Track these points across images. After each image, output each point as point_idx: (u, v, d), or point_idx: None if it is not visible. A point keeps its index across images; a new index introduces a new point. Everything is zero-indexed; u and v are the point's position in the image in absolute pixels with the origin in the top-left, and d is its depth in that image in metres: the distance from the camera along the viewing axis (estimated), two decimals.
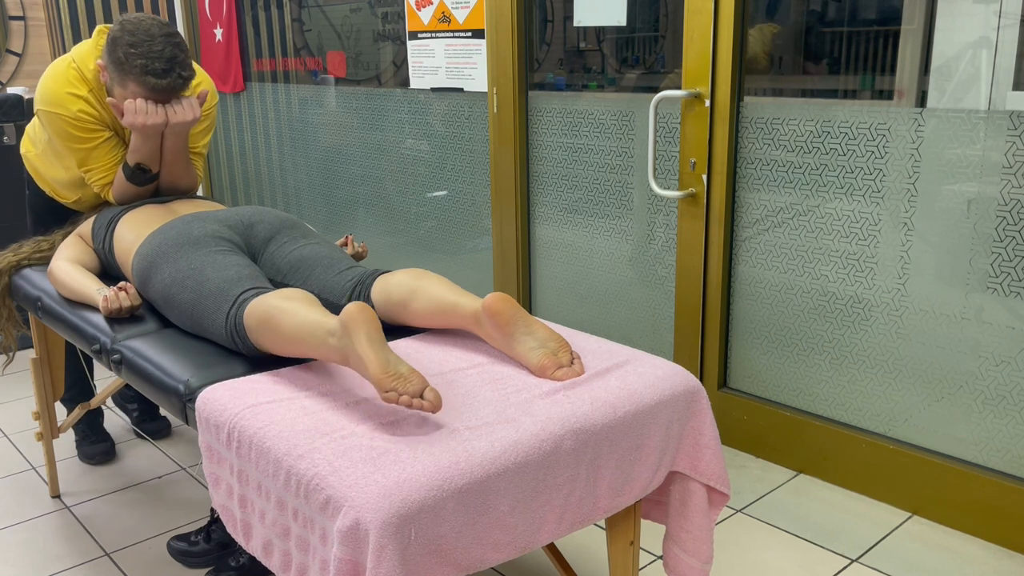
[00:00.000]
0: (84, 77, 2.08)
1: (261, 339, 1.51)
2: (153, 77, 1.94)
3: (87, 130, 2.10)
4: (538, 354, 1.47)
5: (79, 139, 2.10)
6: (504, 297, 1.49)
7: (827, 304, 2.31)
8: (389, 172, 3.55)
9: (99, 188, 2.16)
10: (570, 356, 1.49)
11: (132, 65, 1.93)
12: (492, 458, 1.23)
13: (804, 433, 2.40)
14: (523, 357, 1.49)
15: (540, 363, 1.46)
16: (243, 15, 4.11)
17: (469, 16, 2.94)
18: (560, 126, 2.84)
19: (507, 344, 1.51)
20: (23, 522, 2.32)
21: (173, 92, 2.00)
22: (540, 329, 1.50)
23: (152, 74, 1.93)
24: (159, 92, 1.97)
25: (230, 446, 1.35)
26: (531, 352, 1.48)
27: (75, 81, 2.08)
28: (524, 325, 1.49)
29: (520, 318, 1.49)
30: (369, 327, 1.31)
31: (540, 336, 1.49)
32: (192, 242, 1.77)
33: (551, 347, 1.48)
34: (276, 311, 1.47)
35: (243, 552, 1.99)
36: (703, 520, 1.54)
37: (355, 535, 1.11)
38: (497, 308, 1.49)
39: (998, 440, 2.07)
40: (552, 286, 3.03)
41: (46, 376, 2.36)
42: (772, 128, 2.31)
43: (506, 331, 1.50)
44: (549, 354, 1.47)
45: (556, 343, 1.49)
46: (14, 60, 4.53)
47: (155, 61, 1.93)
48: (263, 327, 1.49)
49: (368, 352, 1.28)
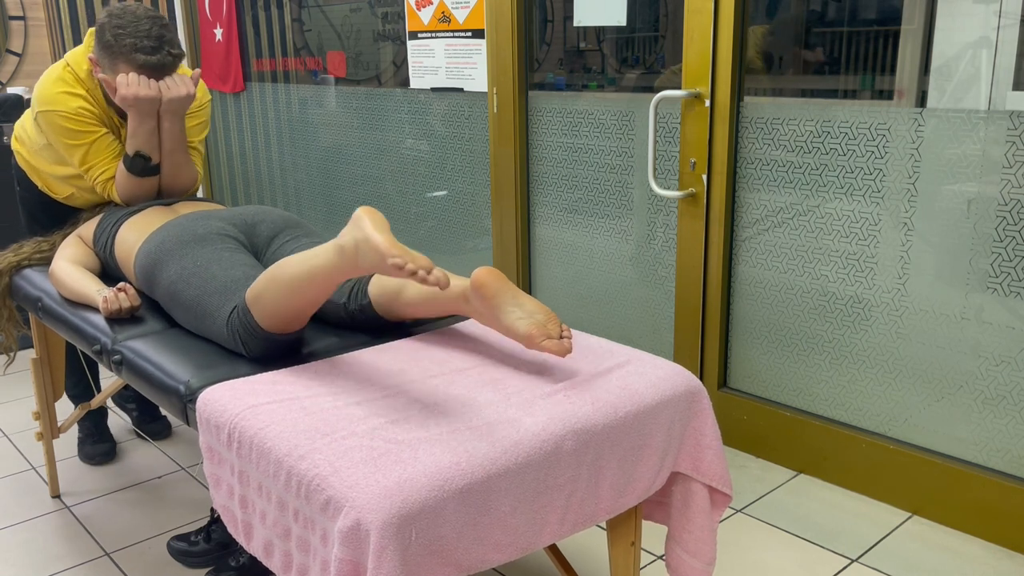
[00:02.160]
0: (79, 78, 2.11)
1: (266, 299, 1.48)
2: (143, 54, 1.97)
3: (86, 124, 2.10)
4: (525, 323, 1.42)
5: (79, 134, 2.10)
6: (492, 270, 1.46)
7: (827, 304, 2.31)
8: (389, 172, 3.55)
9: (102, 186, 2.16)
10: (559, 329, 1.44)
11: (121, 46, 1.96)
12: (493, 458, 1.23)
13: (804, 433, 2.40)
14: (510, 328, 1.44)
15: (528, 332, 1.42)
16: (243, 15, 4.10)
17: (469, 16, 2.94)
18: (560, 126, 2.84)
19: (494, 317, 1.46)
20: (23, 522, 2.32)
21: (163, 69, 2.02)
22: (528, 302, 1.46)
23: (142, 51, 1.97)
24: (150, 69, 2.00)
25: (231, 447, 1.35)
26: (519, 322, 1.43)
27: (71, 82, 2.10)
28: (512, 297, 1.45)
29: (508, 290, 1.45)
30: (372, 222, 1.31)
31: (528, 308, 1.45)
32: (198, 239, 1.77)
33: (539, 318, 1.43)
34: (275, 269, 1.47)
35: (243, 552, 1.99)
36: (705, 521, 1.54)
37: (356, 536, 1.11)
38: (484, 280, 1.45)
39: (998, 440, 2.07)
40: (552, 286, 3.03)
41: (46, 376, 2.36)
42: (772, 128, 2.31)
43: (493, 303, 1.45)
44: (537, 324, 1.42)
45: (544, 315, 1.44)
46: (14, 60, 4.53)
47: (143, 39, 1.97)
48: (268, 285, 1.47)
49: (375, 235, 1.28)
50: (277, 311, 1.49)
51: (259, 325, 1.52)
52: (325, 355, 1.60)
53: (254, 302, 1.50)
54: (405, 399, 1.39)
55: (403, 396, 1.40)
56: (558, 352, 1.41)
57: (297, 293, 1.44)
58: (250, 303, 1.51)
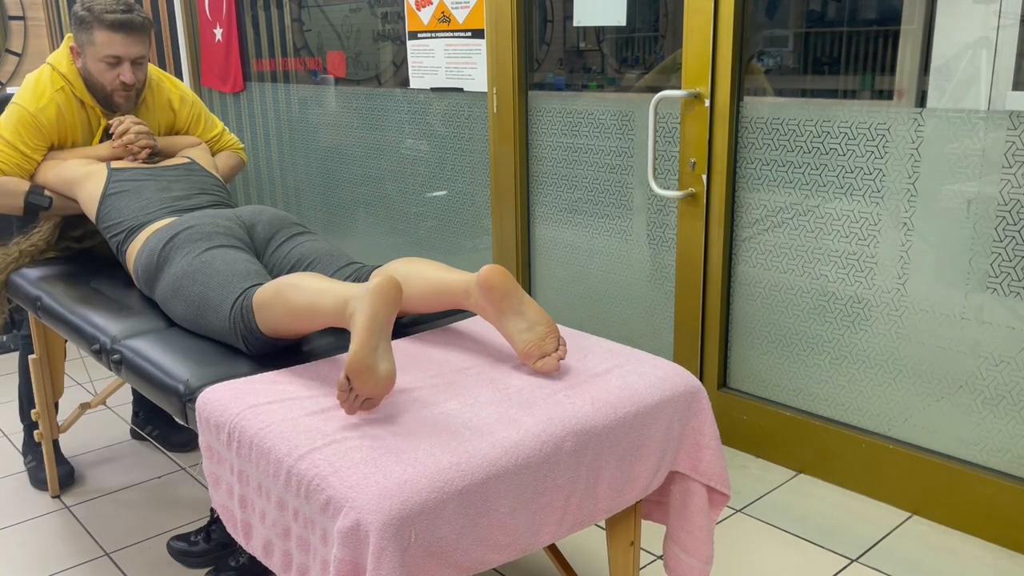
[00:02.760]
0: (60, 72, 2.24)
1: (269, 312, 1.51)
2: (113, 14, 2.16)
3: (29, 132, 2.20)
4: (525, 338, 1.47)
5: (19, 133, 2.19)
6: (500, 270, 1.48)
7: (827, 304, 2.31)
8: (389, 172, 3.55)
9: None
10: (555, 343, 1.49)
11: (93, 13, 2.15)
12: (493, 459, 1.23)
13: (804, 433, 2.40)
14: (511, 337, 1.49)
15: (526, 350, 1.47)
16: (243, 15, 4.10)
17: (469, 16, 2.94)
18: (560, 126, 2.84)
19: (497, 320, 1.51)
20: (23, 522, 2.32)
21: (134, 28, 2.19)
22: (531, 310, 1.49)
23: (112, 12, 2.16)
24: (121, 28, 2.17)
25: (230, 446, 1.35)
26: (519, 335, 1.48)
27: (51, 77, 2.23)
28: (517, 302, 1.49)
29: (514, 294, 1.49)
30: (381, 306, 1.30)
31: (530, 317, 1.49)
32: (205, 237, 1.79)
33: (539, 332, 1.48)
34: (291, 282, 1.49)
35: (243, 552, 1.99)
36: (703, 520, 1.54)
37: (355, 536, 1.11)
38: (493, 281, 1.47)
39: (998, 440, 2.07)
40: (552, 286, 3.03)
41: (46, 376, 2.36)
42: (772, 128, 2.31)
43: (499, 306, 1.49)
44: (536, 340, 1.47)
45: (545, 327, 1.49)
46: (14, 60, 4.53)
47: (112, 5, 2.17)
48: (275, 298, 1.49)
49: (361, 333, 1.28)
50: (277, 326, 1.52)
51: (259, 329, 1.54)
52: (325, 355, 1.60)
53: (259, 308, 1.52)
54: (405, 399, 1.39)
55: (403, 396, 1.40)
56: (550, 369, 1.47)
57: (298, 320, 1.48)
58: (255, 307, 1.53)
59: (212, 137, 2.54)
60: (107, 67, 2.20)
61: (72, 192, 2.16)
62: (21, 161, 2.19)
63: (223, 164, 2.52)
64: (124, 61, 2.20)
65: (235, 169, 2.58)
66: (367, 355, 1.26)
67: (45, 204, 2.20)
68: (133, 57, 2.21)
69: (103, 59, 2.19)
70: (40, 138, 2.21)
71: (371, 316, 1.29)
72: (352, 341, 1.28)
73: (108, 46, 2.17)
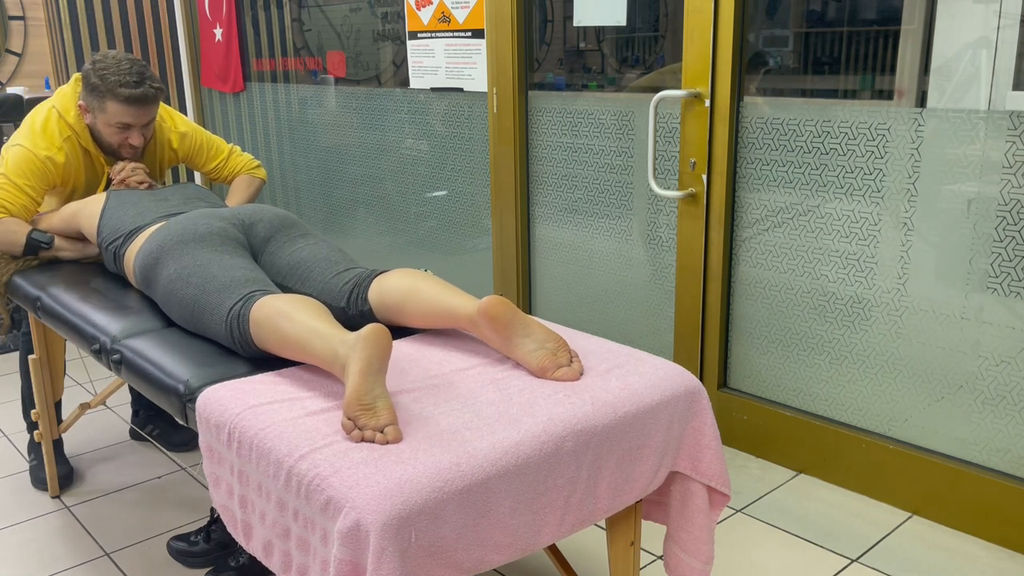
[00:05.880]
0: (67, 122, 2.27)
1: (264, 333, 1.51)
2: (127, 88, 2.17)
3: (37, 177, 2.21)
4: (538, 355, 1.47)
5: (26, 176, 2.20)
6: (500, 300, 1.49)
7: (827, 304, 2.31)
8: (389, 172, 3.55)
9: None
10: (569, 355, 1.49)
11: (107, 84, 2.16)
12: (493, 459, 1.23)
13: (804, 433, 2.40)
14: (523, 359, 1.49)
15: (540, 364, 1.47)
16: (243, 15, 4.10)
17: (469, 16, 2.94)
18: (560, 126, 2.84)
19: (506, 346, 1.51)
20: (23, 522, 2.32)
21: (147, 101, 2.20)
22: (538, 330, 1.50)
23: (125, 86, 2.17)
24: (135, 102, 2.19)
25: (231, 446, 1.35)
26: (531, 354, 1.48)
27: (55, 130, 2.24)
28: (522, 327, 1.49)
29: (517, 321, 1.49)
30: (373, 352, 1.30)
31: (538, 337, 1.49)
32: (198, 239, 1.77)
33: (550, 348, 1.48)
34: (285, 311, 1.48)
35: (243, 552, 1.99)
36: (704, 520, 1.54)
37: (356, 536, 1.11)
38: (494, 313, 1.48)
39: (998, 440, 2.07)
40: (552, 286, 3.03)
41: (46, 376, 2.36)
42: (772, 128, 2.31)
43: (504, 334, 1.50)
44: (548, 355, 1.47)
45: (555, 343, 1.49)
46: (14, 60, 4.53)
47: (126, 75, 2.17)
48: (270, 323, 1.49)
49: (356, 377, 1.28)
50: (269, 348, 1.53)
51: (253, 342, 1.55)
52: None
53: (255, 324, 1.53)
54: (405, 399, 1.39)
55: (403, 396, 1.40)
56: (571, 378, 1.46)
57: (289, 351, 1.48)
58: (252, 321, 1.53)
59: (218, 163, 2.56)
60: (117, 131, 2.24)
61: (75, 222, 2.18)
62: (27, 203, 2.22)
63: (240, 196, 2.55)
64: (135, 128, 2.25)
65: (256, 192, 2.59)
66: (364, 395, 1.27)
67: (46, 241, 2.22)
68: (143, 124, 2.26)
69: (114, 125, 2.23)
70: (45, 182, 2.25)
71: (366, 362, 1.29)
72: (347, 387, 1.29)
73: (119, 116, 2.21)
